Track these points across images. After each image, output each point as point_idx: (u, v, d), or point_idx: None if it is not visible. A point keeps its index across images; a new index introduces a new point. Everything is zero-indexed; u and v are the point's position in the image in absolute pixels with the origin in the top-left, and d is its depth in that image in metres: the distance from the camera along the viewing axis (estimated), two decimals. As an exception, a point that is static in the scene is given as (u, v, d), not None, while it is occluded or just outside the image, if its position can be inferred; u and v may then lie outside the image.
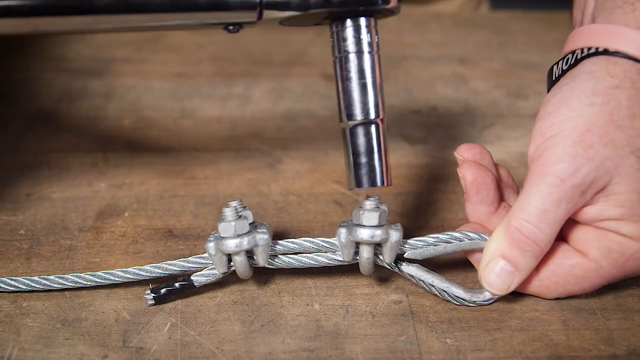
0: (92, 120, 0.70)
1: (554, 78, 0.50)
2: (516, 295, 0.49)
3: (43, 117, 0.70)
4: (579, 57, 0.47)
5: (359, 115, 0.47)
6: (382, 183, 0.48)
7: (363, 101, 0.47)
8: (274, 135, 0.69)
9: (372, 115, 0.47)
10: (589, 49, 0.47)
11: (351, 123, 0.48)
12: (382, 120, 0.48)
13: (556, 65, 0.50)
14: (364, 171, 0.48)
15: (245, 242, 0.47)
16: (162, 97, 0.75)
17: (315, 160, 0.65)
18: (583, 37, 0.48)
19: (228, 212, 0.47)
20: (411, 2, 0.93)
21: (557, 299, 0.49)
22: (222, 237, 0.47)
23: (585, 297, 0.49)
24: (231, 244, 0.47)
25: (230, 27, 0.47)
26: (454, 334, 0.47)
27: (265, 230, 0.48)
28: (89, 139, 0.67)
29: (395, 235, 0.47)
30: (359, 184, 0.48)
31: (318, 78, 0.79)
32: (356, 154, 0.48)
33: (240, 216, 0.47)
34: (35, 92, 0.75)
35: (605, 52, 0.46)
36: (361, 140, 0.48)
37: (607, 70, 0.46)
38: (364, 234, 0.47)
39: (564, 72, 0.48)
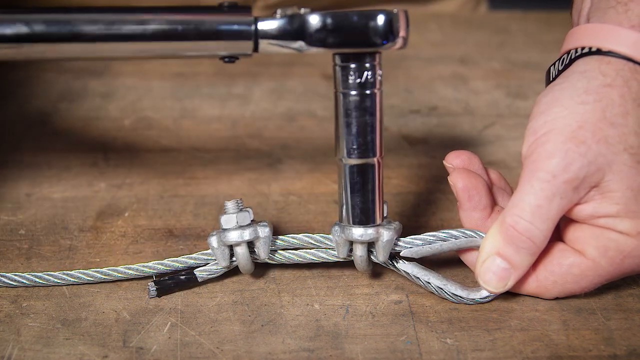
0: (92, 120, 0.70)
1: (551, 79, 0.50)
2: (516, 295, 0.49)
3: (43, 117, 0.70)
4: (572, 57, 0.48)
5: (356, 154, 0.47)
6: (374, 222, 0.48)
7: (362, 140, 0.47)
8: (274, 135, 0.69)
9: (370, 154, 0.47)
10: (582, 48, 0.47)
11: (348, 160, 0.47)
12: (379, 158, 0.47)
13: (553, 66, 0.50)
14: (357, 209, 0.48)
15: (247, 233, 0.48)
16: (162, 97, 0.75)
17: (315, 160, 0.65)
18: (577, 37, 0.48)
19: (230, 205, 0.48)
20: (411, 2, 0.93)
21: (557, 298, 0.49)
22: (225, 229, 0.48)
23: (585, 297, 0.49)
24: (233, 235, 0.48)
25: (226, 59, 0.46)
26: (454, 334, 0.47)
27: (266, 223, 0.49)
28: (89, 139, 0.67)
29: (386, 234, 0.48)
30: (350, 221, 0.48)
31: (318, 78, 0.79)
32: (351, 191, 0.47)
33: (241, 209, 0.48)
34: (35, 92, 0.75)
35: (598, 51, 0.46)
36: (357, 178, 0.47)
37: (600, 69, 0.46)
38: (354, 233, 0.47)
39: (559, 73, 0.49)
